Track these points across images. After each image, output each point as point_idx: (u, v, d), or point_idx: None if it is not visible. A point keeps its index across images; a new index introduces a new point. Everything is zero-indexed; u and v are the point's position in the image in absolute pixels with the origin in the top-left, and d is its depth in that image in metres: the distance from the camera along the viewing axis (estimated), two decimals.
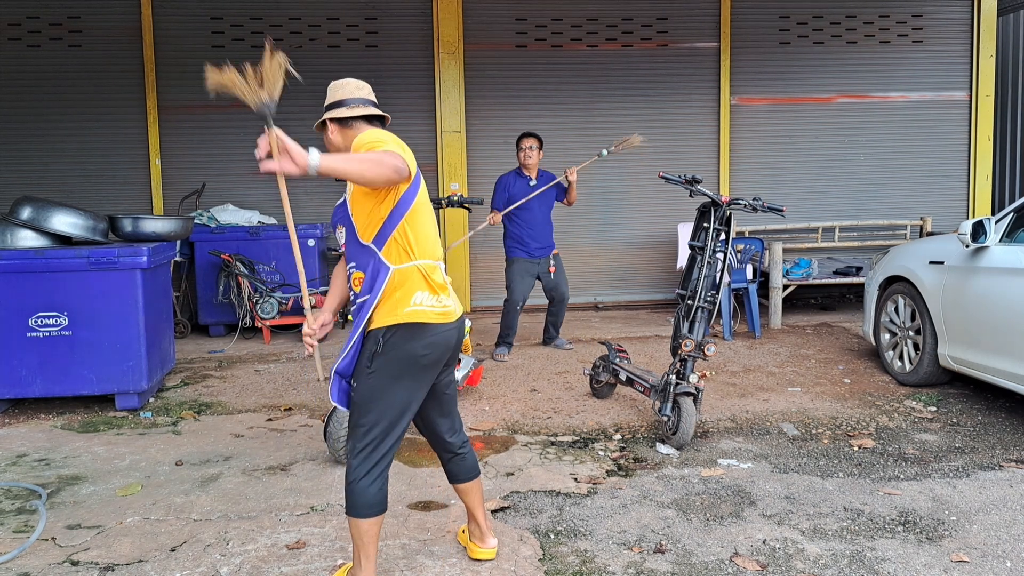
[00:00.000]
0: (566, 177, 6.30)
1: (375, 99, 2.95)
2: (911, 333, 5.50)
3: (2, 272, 4.96)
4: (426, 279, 2.72)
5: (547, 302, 6.70)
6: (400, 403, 2.72)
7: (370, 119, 2.88)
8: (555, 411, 5.09)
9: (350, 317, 2.89)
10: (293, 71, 2.59)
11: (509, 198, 6.34)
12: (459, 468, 3.06)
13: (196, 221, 7.55)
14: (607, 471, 4.09)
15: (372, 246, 2.70)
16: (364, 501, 2.71)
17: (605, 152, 6.30)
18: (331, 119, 2.86)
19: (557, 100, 8.48)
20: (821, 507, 3.62)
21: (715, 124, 8.61)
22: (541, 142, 6.46)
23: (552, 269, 6.44)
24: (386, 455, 2.74)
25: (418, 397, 2.78)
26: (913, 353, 5.49)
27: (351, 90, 2.89)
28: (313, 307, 2.96)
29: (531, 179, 6.41)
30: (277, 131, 2.41)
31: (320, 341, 2.94)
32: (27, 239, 5.33)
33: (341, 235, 2.86)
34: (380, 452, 2.72)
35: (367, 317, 2.71)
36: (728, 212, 4.63)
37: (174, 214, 7.65)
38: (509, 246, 6.48)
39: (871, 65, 8.70)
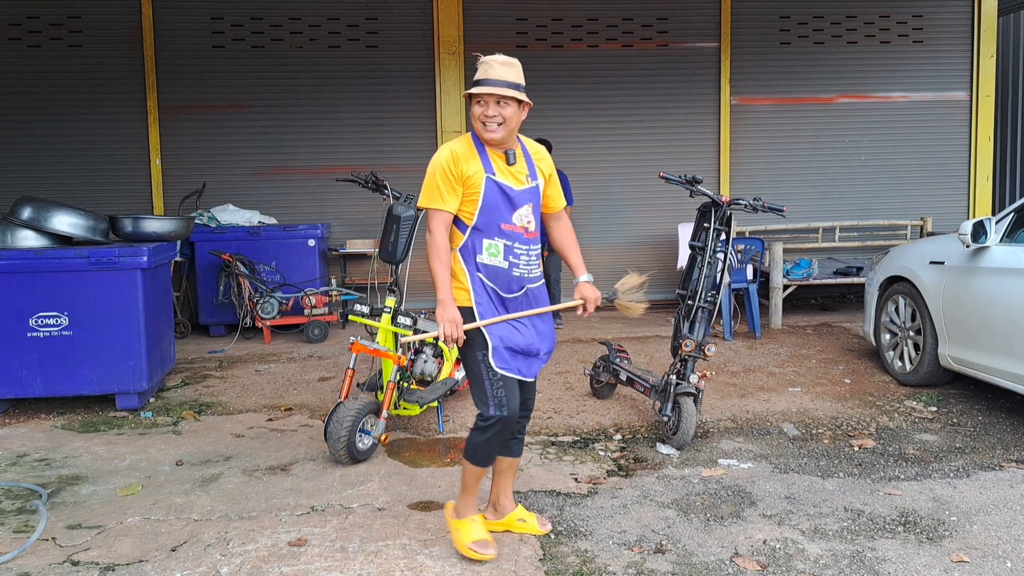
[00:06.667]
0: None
1: (518, 79, 3.01)
2: (911, 333, 5.50)
3: (3, 272, 4.96)
4: None
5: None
6: None
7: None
8: (555, 411, 5.09)
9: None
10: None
11: None
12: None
13: (196, 221, 7.55)
14: (607, 471, 4.09)
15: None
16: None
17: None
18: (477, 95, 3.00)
19: (557, 100, 8.48)
20: (821, 507, 3.62)
21: (715, 124, 8.61)
22: (550, 148, 6.81)
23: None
24: None
25: None
26: (913, 353, 5.48)
27: (498, 70, 2.99)
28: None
29: None
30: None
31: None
32: (28, 239, 5.33)
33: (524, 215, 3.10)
34: None
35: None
36: (728, 212, 4.63)
37: (174, 214, 7.65)
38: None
39: (872, 65, 8.70)
